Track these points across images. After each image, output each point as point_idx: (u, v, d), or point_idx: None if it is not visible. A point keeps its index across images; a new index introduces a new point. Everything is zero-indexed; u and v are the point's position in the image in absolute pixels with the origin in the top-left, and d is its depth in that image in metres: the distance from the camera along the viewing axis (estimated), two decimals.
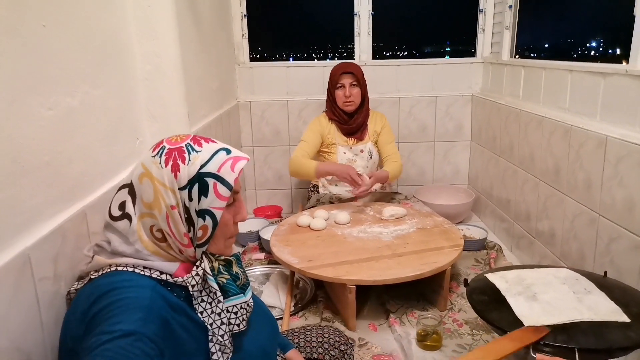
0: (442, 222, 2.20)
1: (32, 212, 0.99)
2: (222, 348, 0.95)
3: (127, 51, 1.54)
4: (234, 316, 0.98)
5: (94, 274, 0.93)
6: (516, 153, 2.45)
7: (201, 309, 0.94)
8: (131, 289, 0.86)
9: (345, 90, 2.47)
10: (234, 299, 0.99)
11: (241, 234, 2.55)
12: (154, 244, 0.94)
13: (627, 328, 1.14)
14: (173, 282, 0.93)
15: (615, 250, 1.66)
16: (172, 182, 0.91)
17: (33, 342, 0.94)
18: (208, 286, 0.95)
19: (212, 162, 0.93)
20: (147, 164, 0.94)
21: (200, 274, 0.94)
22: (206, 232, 0.94)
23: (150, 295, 0.87)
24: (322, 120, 2.59)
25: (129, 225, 0.93)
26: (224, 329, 0.95)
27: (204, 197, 0.91)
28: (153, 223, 0.93)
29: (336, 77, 2.48)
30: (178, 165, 0.91)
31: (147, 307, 0.84)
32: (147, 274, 0.92)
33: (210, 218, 0.92)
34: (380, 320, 1.83)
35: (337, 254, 1.89)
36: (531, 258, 2.31)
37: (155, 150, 0.95)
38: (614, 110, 1.74)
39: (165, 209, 0.91)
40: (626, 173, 1.60)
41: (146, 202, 0.92)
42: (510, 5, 2.72)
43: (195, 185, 0.91)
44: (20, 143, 0.95)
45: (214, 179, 0.92)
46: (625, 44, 1.73)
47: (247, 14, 3.03)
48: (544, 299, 1.27)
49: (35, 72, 1.02)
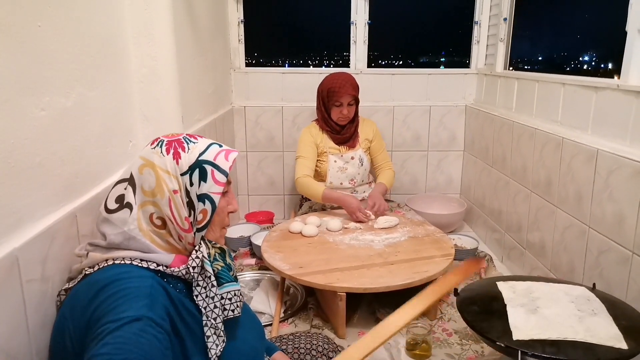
0: (434, 232, 2.20)
1: (22, 213, 0.98)
2: (217, 332, 0.97)
3: (123, 53, 1.54)
4: (229, 302, 1.01)
5: (89, 270, 0.94)
6: (508, 164, 2.47)
7: (196, 292, 0.98)
8: (132, 280, 0.88)
9: (343, 109, 2.46)
10: (227, 286, 1.03)
11: (232, 239, 2.54)
12: (153, 232, 0.97)
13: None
14: (170, 274, 0.96)
15: (604, 262, 1.67)
16: (174, 168, 0.97)
17: (18, 345, 0.93)
18: (204, 271, 0.99)
19: (208, 151, 1.01)
20: (147, 155, 0.99)
21: (200, 257, 0.98)
22: (205, 216, 0.99)
23: (152, 283, 0.89)
24: (312, 130, 2.57)
25: (129, 214, 0.96)
26: (217, 313, 0.98)
27: (204, 182, 0.98)
28: (154, 211, 0.97)
29: (336, 95, 2.43)
30: (179, 153, 0.99)
31: (150, 295, 0.86)
32: (145, 265, 0.94)
33: (210, 202, 0.98)
34: (370, 328, 1.81)
35: (329, 261, 1.89)
36: (522, 269, 2.32)
37: (154, 144, 1.01)
38: (606, 124, 1.76)
39: (168, 193, 0.96)
40: (616, 186, 1.61)
41: (148, 191, 0.97)
42: (505, 17, 2.74)
43: (196, 171, 0.98)
44: (12, 143, 0.95)
45: (212, 166, 0.99)
46: (617, 59, 1.76)
47: (243, 20, 3.04)
48: (544, 314, 1.26)
49: (29, 72, 1.01)
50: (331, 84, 2.47)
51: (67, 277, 1.05)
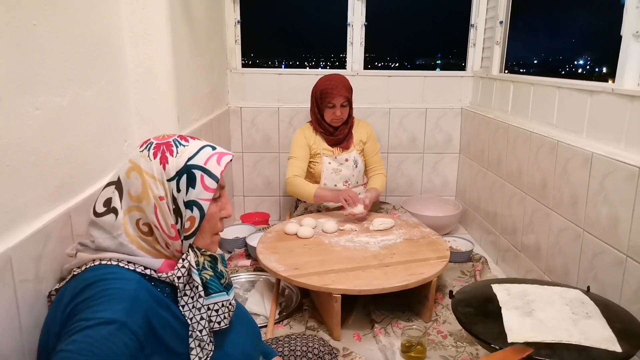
0: (429, 234, 2.21)
1: (16, 213, 0.97)
2: (202, 344, 0.93)
3: (119, 53, 1.53)
4: (215, 314, 0.96)
5: (77, 270, 0.92)
6: (504, 167, 2.47)
7: (183, 302, 0.94)
8: (116, 281, 0.86)
9: (336, 110, 2.44)
10: (215, 297, 0.97)
11: (228, 240, 2.54)
12: (140, 238, 0.94)
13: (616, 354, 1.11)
14: (157, 278, 0.93)
15: (598, 265, 1.68)
16: (160, 173, 0.94)
17: (11, 345, 0.92)
18: (192, 280, 0.95)
19: (198, 155, 0.96)
20: (135, 158, 0.96)
21: (187, 267, 0.94)
22: (193, 224, 0.95)
23: (136, 287, 0.87)
24: (306, 131, 2.56)
25: (114, 219, 0.93)
26: (203, 324, 0.94)
27: (192, 189, 0.94)
28: (140, 217, 0.94)
29: (329, 96, 2.42)
30: (166, 157, 0.94)
31: (132, 298, 0.84)
32: (132, 268, 0.91)
33: (198, 209, 0.94)
34: (365, 330, 1.83)
35: (324, 263, 1.89)
36: (516, 271, 2.32)
37: (143, 146, 0.98)
38: (600, 128, 1.77)
39: (154, 200, 0.92)
40: (611, 189, 1.62)
41: (134, 196, 0.94)
42: (501, 21, 2.76)
43: (184, 177, 0.94)
44: (6, 142, 0.94)
45: (201, 171, 0.95)
46: (612, 63, 1.77)
47: (240, 20, 3.03)
48: (539, 316, 1.26)
49: (24, 71, 1.01)
50: (324, 86, 2.46)
51: (59, 277, 1.04)
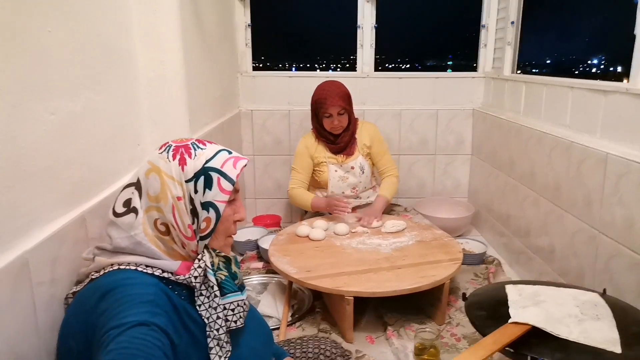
0: (442, 236, 2.19)
1: (32, 216, 0.99)
2: (220, 343, 0.96)
3: (131, 58, 1.55)
4: (231, 313, 0.99)
5: (95, 274, 0.94)
6: (517, 168, 2.45)
7: (199, 302, 0.96)
8: (135, 286, 0.88)
9: (334, 120, 2.39)
10: (230, 296, 1.00)
11: (240, 242, 2.55)
12: (157, 238, 0.97)
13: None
14: (175, 281, 0.95)
15: (614, 267, 1.66)
16: (179, 174, 0.97)
17: (28, 346, 0.93)
18: (207, 280, 0.97)
19: (215, 158, 0.99)
20: (154, 160, 0.99)
21: (202, 267, 0.97)
22: (209, 225, 0.98)
23: (155, 291, 0.88)
24: (308, 140, 2.52)
25: (134, 218, 0.96)
26: (219, 324, 0.96)
27: (209, 190, 0.96)
28: (158, 216, 0.96)
29: (324, 107, 2.36)
30: (185, 159, 0.98)
31: (152, 302, 0.86)
32: (150, 272, 0.93)
33: (214, 210, 0.97)
34: (377, 333, 1.82)
35: (336, 265, 1.89)
36: (530, 274, 2.30)
37: (162, 148, 1.01)
38: (615, 128, 1.75)
39: (172, 200, 0.95)
40: (626, 191, 1.60)
41: (152, 196, 0.96)
42: (512, 21, 2.74)
43: (201, 178, 0.96)
44: (22, 147, 0.96)
45: (218, 173, 0.97)
46: (626, 62, 1.75)
47: (250, 24, 3.05)
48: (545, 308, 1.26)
49: (39, 77, 1.02)
50: (318, 96, 2.40)
51: (75, 280, 1.05)
